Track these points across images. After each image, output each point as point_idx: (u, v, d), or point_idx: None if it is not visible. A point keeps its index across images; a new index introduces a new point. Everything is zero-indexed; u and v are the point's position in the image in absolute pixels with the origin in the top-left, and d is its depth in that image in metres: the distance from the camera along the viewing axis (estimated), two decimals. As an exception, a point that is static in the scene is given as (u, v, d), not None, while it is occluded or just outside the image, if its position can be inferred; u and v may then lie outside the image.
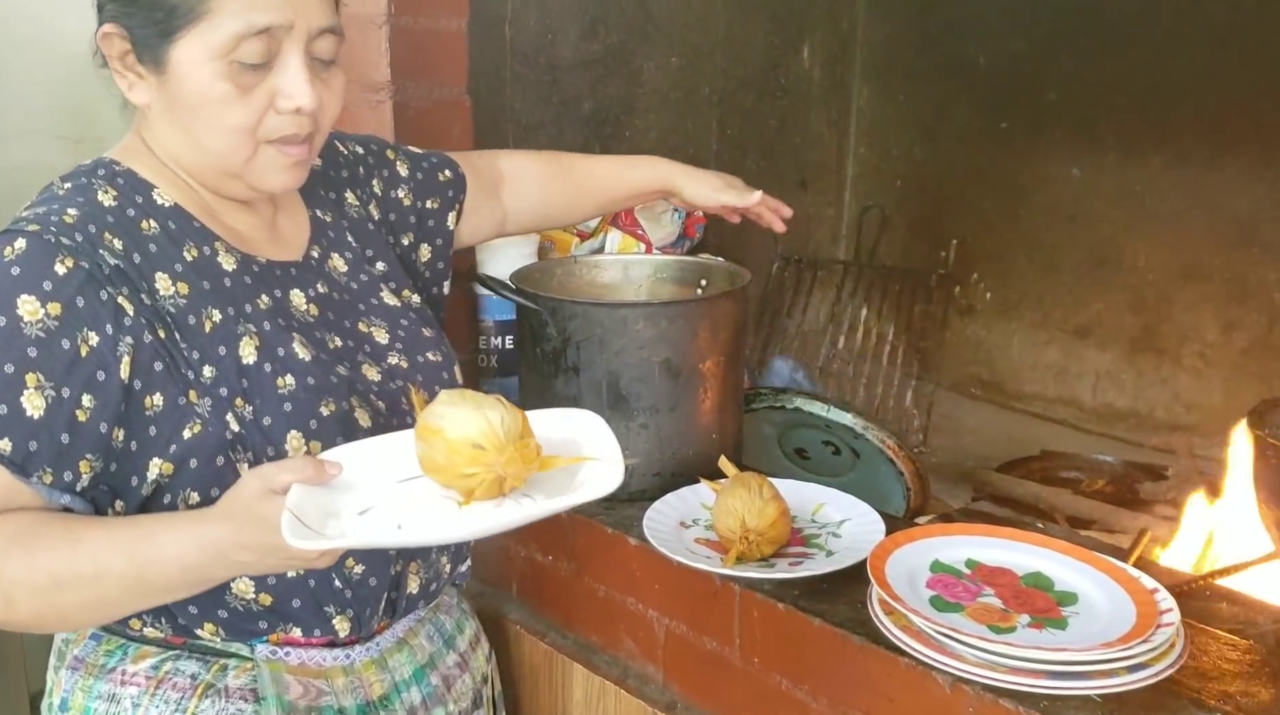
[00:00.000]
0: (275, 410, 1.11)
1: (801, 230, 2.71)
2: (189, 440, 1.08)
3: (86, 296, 1.03)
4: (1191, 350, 2.26)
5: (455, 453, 0.99)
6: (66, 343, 1.02)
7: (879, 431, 1.69)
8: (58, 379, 1.01)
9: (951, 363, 2.56)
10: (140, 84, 1.10)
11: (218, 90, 1.07)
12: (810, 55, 2.60)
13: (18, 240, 1.03)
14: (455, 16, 1.78)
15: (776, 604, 1.29)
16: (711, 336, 1.55)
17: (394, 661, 1.26)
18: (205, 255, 1.14)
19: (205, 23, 1.05)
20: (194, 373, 1.08)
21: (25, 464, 1.01)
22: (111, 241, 1.06)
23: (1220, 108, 2.13)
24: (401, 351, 1.27)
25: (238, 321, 1.12)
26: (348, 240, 1.33)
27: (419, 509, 1.03)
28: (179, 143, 1.13)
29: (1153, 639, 1.08)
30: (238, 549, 1.00)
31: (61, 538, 1.01)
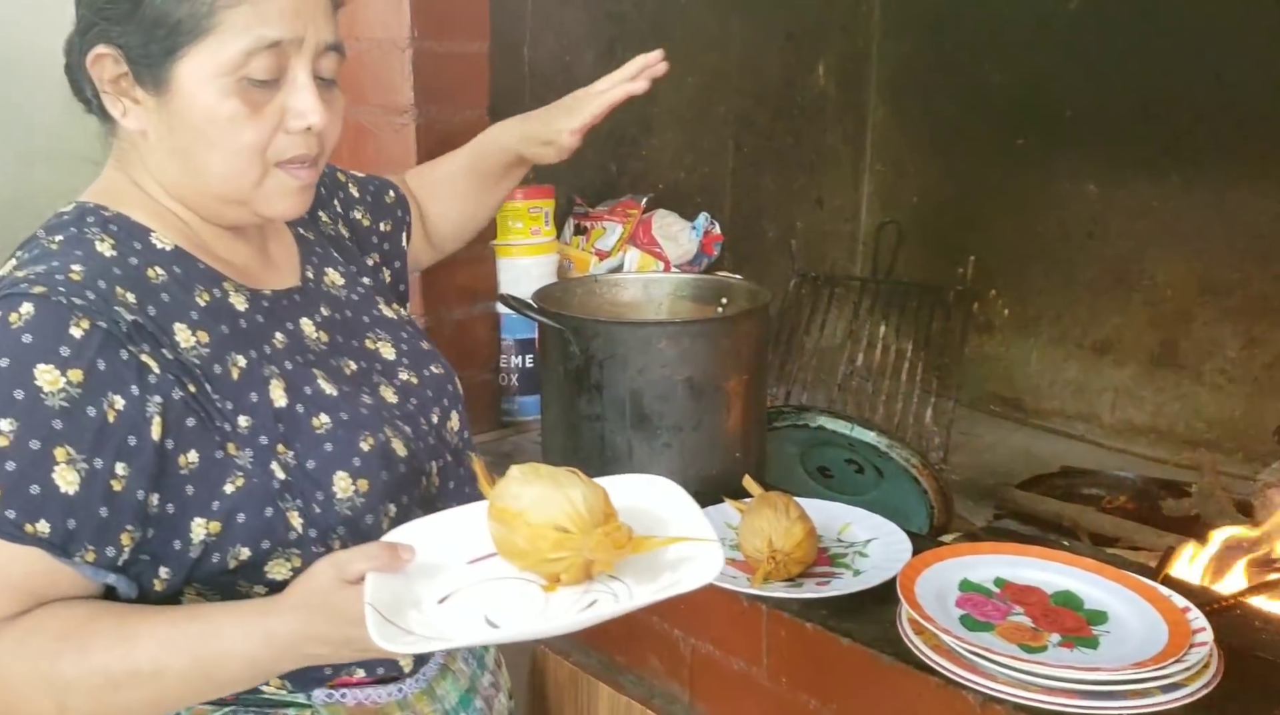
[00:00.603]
0: (317, 452, 1.06)
1: (818, 247, 2.72)
2: (233, 495, 1.01)
3: (107, 358, 0.95)
4: (1212, 366, 2.26)
5: (539, 538, 0.94)
6: (92, 410, 0.94)
7: (903, 450, 1.69)
8: (88, 450, 0.94)
9: (970, 379, 2.55)
10: (135, 109, 1.03)
11: (227, 108, 1.02)
12: (826, 73, 2.61)
13: (23, 305, 0.94)
14: (476, 40, 1.79)
15: (804, 624, 1.29)
16: (734, 355, 1.55)
17: (441, 689, 1.22)
18: (217, 298, 1.08)
19: (212, 38, 1.00)
20: (229, 424, 1.02)
21: (66, 545, 0.93)
22: (124, 296, 0.99)
23: (1238, 123, 2.13)
24: (409, 366, 1.23)
25: (262, 364, 1.07)
26: (334, 256, 1.28)
27: (504, 596, 0.96)
28: (178, 171, 1.06)
29: (1186, 658, 1.08)
30: (311, 642, 0.95)
31: (116, 635, 0.94)
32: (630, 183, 2.30)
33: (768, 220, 2.60)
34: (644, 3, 2.22)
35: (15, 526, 0.91)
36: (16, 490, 0.92)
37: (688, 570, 0.95)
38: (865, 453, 1.73)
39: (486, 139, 1.53)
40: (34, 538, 0.92)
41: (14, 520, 0.91)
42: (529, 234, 1.91)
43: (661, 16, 2.26)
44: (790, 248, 2.62)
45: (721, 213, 2.43)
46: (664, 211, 2.21)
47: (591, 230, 2.14)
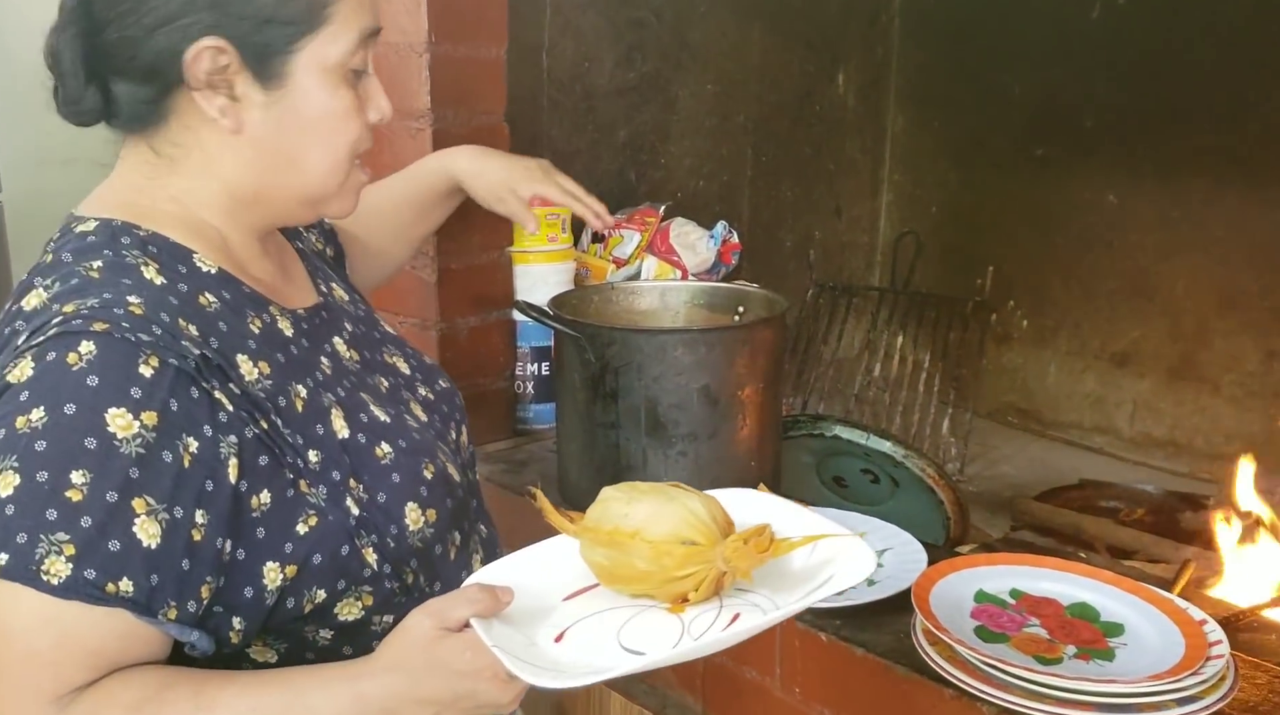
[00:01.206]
0: (386, 484, 1.01)
1: (836, 257, 2.71)
2: (307, 535, 0.95)
3: (179, 397, 0.88)
4: (1231, 379, 2.24)
5: (664, 555, 0.87)
6: (168, 455, 0.87)
7: (919, 460, 1.68)
8: (167, 499, 0.86)
9: (988, 390, 2.54)
10: (233, 105, 0.97)
11: (344, 102, 0.99)
12: (845, 82, 2.60)
13: (82, 343, 0.86)
14: (494, 45, 1.80)
15: (818, 634, 1.28)
16: (750, 363, 1.55)
17: None
18: (267, 323, 1.01)
19: (329, 29, 0.97)
20: (301, 460, 0.96)
21: (150, 602, 0.85)
22: (187, 328, 0.92)
23: (1259, 133, 2.11)
24: (423, 381, 1.20)
25: (320, 393, 1.01)
26: (328, 271, 1.23)
27: (628, 626, 0.89)
28: (262, 170, 1.00)
29: (1203, 671, 1.07)
30: (411, 704, 0.87)
31: (192, 707, 0.85)
32: (649, 191, 2.29)
33: (786, 230, 2.60)
34: (664, 10, 2.22)
35: (96, 587, 0.83)
36: (94, 547, 0.83)
37: (838, 567, 0.89)
38: (881, 463, 1.72)
39: (428, 164, 1.54)
40: (116, 598, 0.84)
41: (94, 580, 0.83)
42: (545, 241, 1.91)
43: (681, 24, 2.26)
44: (808, 257, 2.61)
45: (740, 222, 2.43)
46: (682, 220, 2.20)
47: (609, 238, 2.14)
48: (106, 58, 0.96)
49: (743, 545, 0.87)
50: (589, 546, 0.92)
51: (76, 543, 0.83)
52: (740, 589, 0.91)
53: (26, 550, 0.82)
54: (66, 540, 0.82)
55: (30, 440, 0.84)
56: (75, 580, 0.82)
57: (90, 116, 0.99)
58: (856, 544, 0.91)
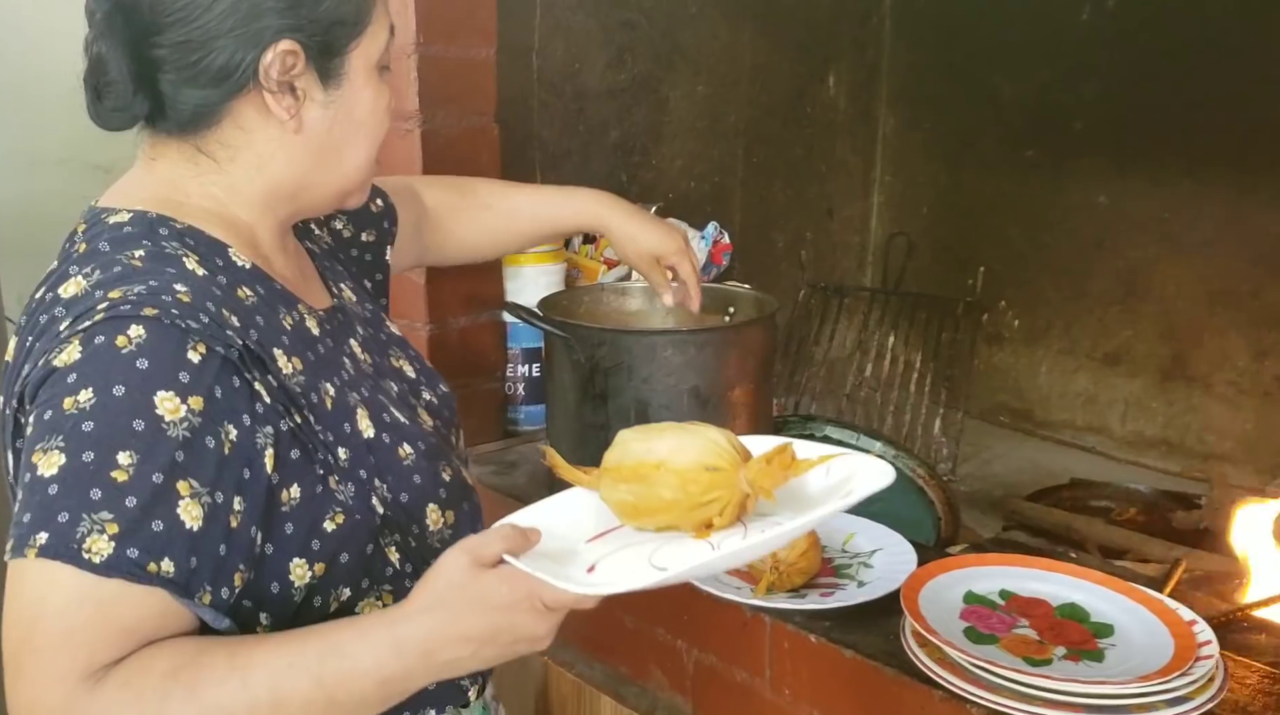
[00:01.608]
0: (408, 485, 1.03)
1: (828, 257, 2.71)
2: (334, 533, 0.96)
3: (223, 385, 0.89)
4: (1222, 378, 2.24)
5: (690, 482, 0.90)
6: (211, 441, 0.88)
7: (909, 460, 1.68)
8: (210, 483, 0.87)
9: (980, 390, 2.54)
10: (297, 106, 0.99)
11: (384, 100, 1.05)
12: (836, 84, 2.60)
13: (131, 327, 0.87)
14: (484, 46, 1.79)
15: (808, 635, 1.28)
16: (740, 364, 1.55)
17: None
18: (297, 321, 1.03)
19: (369, 31, 1.02)
20: (331, 456, 0.97)
21: (189, 584, 0.86)
22: (230, 318, 0.93)
23: (1248, 134, 2.11)
24: (426, 384, 1.20)
25: (346, 392, 1.02)
26: (339, 268, 1.24)
27: (657, 553, 0.92)
28: (308, 166, 1.03)
29: (1192, 671, 1.07)
30: (450, 643, 0.89)
31: (228, 667, 0.85)
32: (641, 192, 2.29)
33: (777, 230, 2.60)
34: (654, 12, 2.22)
35: (138, 566, 0.83)
36: (139, 527, 0.84)
37: (857, 481, 0.92)
38: (872, 463, 1.71)
39: (575, 203, 1.51)
40: (158, 577, 0.84)
41: (136, 559, 0.83)
42: (536, 242, 1.91)
43: (672, 25, 2.26)
44: (800, 258, 2.61)
45: (731, 223, 2.43)
46: (674, 220, 2.20)
47: (600, 239, 2.14)
48: (159, 63, 0.96)
49: (765, 465, 0.90)
50: (612, 486, 0.95)
51: (120, 522, 0.83)
52: (762, 514, 0.94)
53: (67, 529, 0.82)
54: (110, 519, 0.83)
55: (78, 421, 0.85)
56: (118, 558, 0.83)
57: (133, 121, 0.99)
58: (873, 460, 0.94)
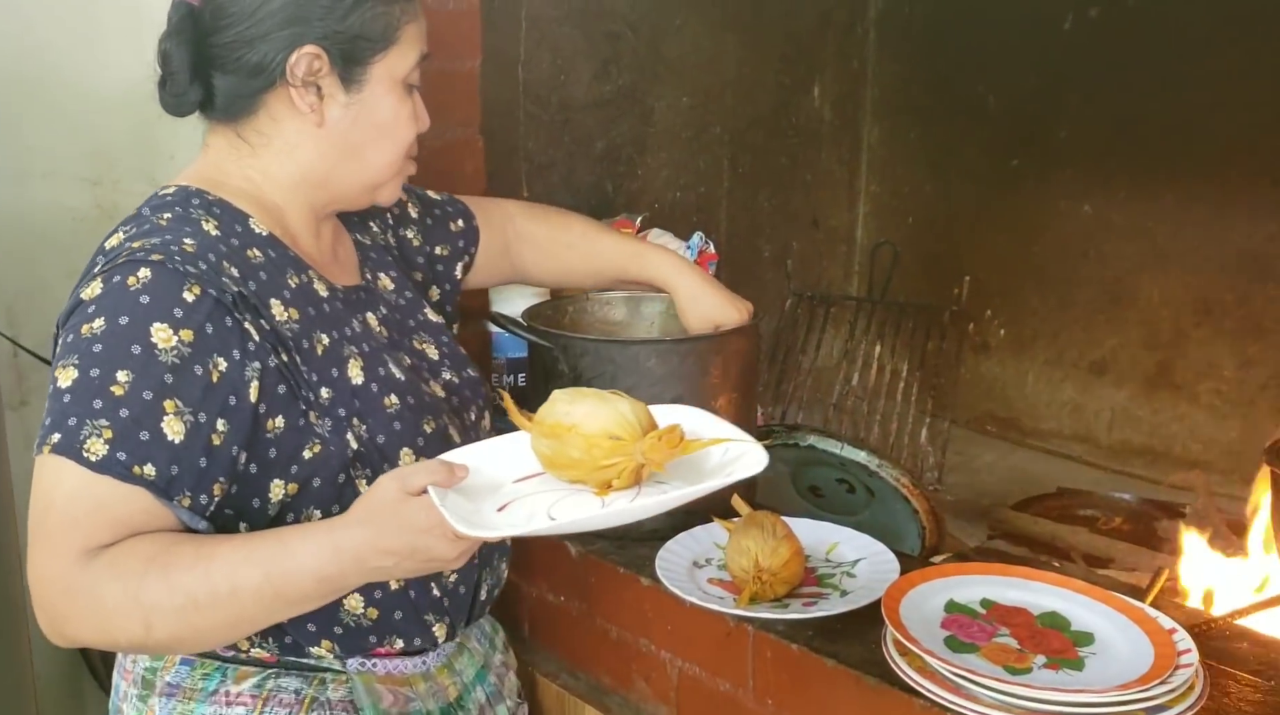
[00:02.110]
0: (387, 429, 1.17)
1: (814, 267, 2.72)
2: (310, 460, 1.12)
3: (215, 323, 1.06)
4: (1208, 387, 2.25)
5: (594, 446, 1.02)
6: (199, 369, 1.04)
7: (893, 469, 1.68)
8: (194, 404, 1.03)
9: (966, 400, 2.54)
10: (319, 104, 1.17)
11: (406, 109, 1.21)
12: (821, 94, 2.61)
13: (141, 269, 1.05)
14: (468, 58, 1.80)
15: (790, 645, 1.28)
16: (724, 373, 1.55)
17: (459, 664, 1.31)
18: (304, 282, 1.19)
19: (396, 48, 1.19)
20: (313, 394, 1.13)
21: (168, 488, 1.02)
22: (229, 269, 1.10)
23: (1232, 143, 2.13)
24: (450, 366, 1.34)
25: (342, 344, 1.18)
26: (387, 260, 1.39)
27: (559, 504, 1.05)
28: (333, 160, 1.20)
29: (1171, 680, 1.07)
30: (377, 554, 1.02)
31: (195, 556, 1.00)
32: (626, 202, 2.30)
33: (763, 240, 2.60)
34: (640, 23, 2.23)
35: (125, 467, 0.99)
36: (128, 435, 1.00)
37: (737, 466, 1.04)
38: (856, 472, 1.72)
39: (651, 258, 1.59)
40: (140, 479, 1.00)
41: (124, 462, 0.99)
42: (521, 253, 1.91)
43: (656, 37, 2.26)
44: (786, 267, 2.62)
45: (717, 232, 2.44)
46: (659, 230, 2.20)
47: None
48: (213, 59, 1.16)
49: (657, 441, 1.02)
50: (536, 438, 1.08)
51: (114, 429, 1.00)
52: (658, 481, 1.06)
53: (74, 431, 0.99)
54: (106, 426, 1.00)
55: (90, 343, 1.02)
56: (109, 460, 0.99)
57: (190, 107, 1.18)
58: (755, 447, 1.06)
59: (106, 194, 2.30)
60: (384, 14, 1.17)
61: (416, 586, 1.21)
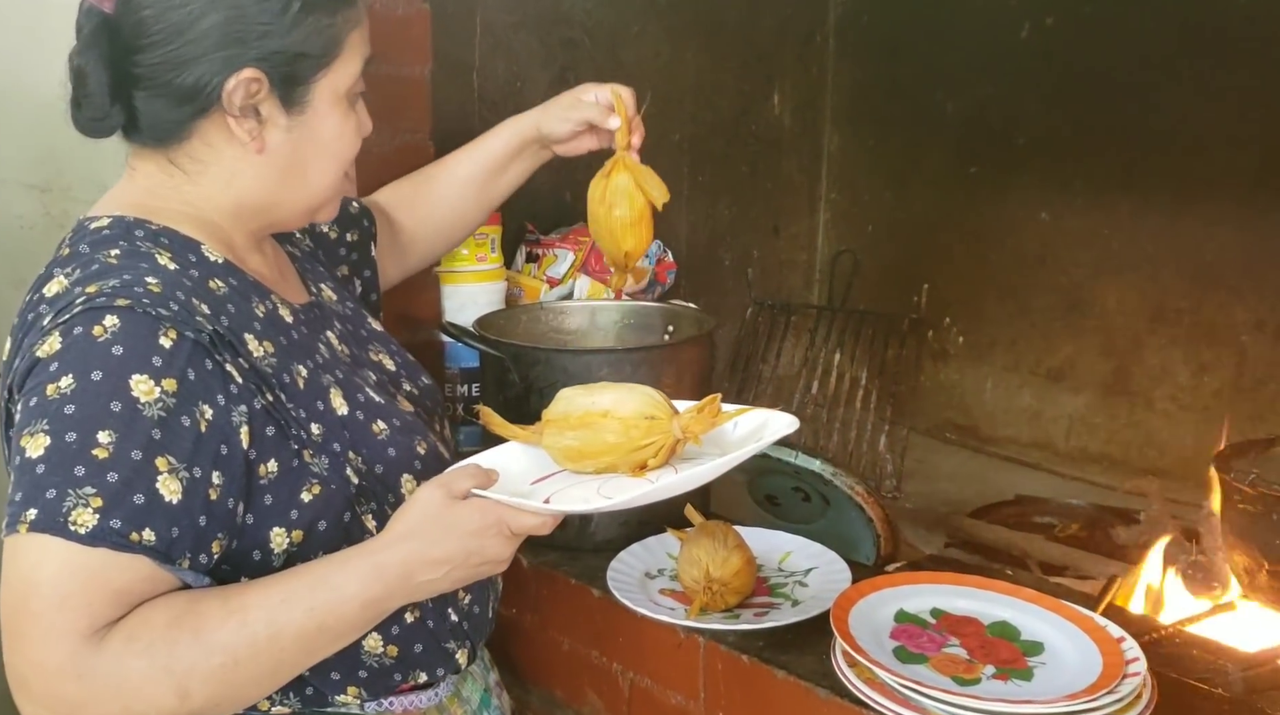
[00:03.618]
0: (383, 457, 1.11)
1: (775, 275, 2.71)
2: (310, 502, 1.05)
3: (196, 367, 0.98)
4: (1163, 393, 2.26)
5: (632, 428, 1.06)
6: (187, 420, 0.96)
7: (847, 477, 1.67)
8: (187, 459, 0.96)
9: (925, 407, 2.55)
10: (260, 129, 1.07)
11: (351, 123, 1.12)
12: (781, 102, 2.61)
13: (106, 317, 0.96)
14: (418, 64, 1.78)
15: (740, 656, 1.27)
16: (677, 382, 1.53)
17: (466, 691, 1.26)
18: (270, 309, 1.11)
19: (340, 60, 1.09)
20: (304, 432, 1.05)
21: (170, 551, 0.95)
22: (200, 307, 1.01)
23: (1186, 152, 2.14)
24: (407, 376, 1.28)
25: (320, 373, 1.11)
26: (319, 270, 1.31)
27: (602, 486, 1.07)
28: (275, 183, 1.10)
29: (1118, 690, 1.07)
30: (427, 566, 1.00)
31: (225, 612, 0.95)
32: (584, 210, 2.27)
33: (724, 248, 2.59)
34: (597, 30, 2.22)
35: (121, 536, 0.92)
36: (121, 500, 0.92)
37: (768, 429, 1.08)
38: (810, 481, 1.71)
39: (496, 129, 1.54)
40: (140, 546, 0.93)
41: (119, 530, 0.92)
42: (475, 261, 1.89)
43: (614, 44, 2.25)
44: (747, 276, 2.61)
45: (677, 240, 2.42)
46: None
47: (543, 258, 2.13)
48: (137, 79, 1.05)
49: (697, 413, 1.06)
50: (557, 433, 1.09)
51: (104, 496, 0.91)
52: (686, 457, 1.10)
53: (54, 504, 0.91)
54: (93, 493, 0.91)
55: (60, 405, 0.93)
56: (102, 529, 0.91)
57: (109, 131, 1.08)
58: (781, 413, 1.11)
59: (56, 201, 2.26)
60: (327, 26, 1.07)
61: (434, 616, 1.15)
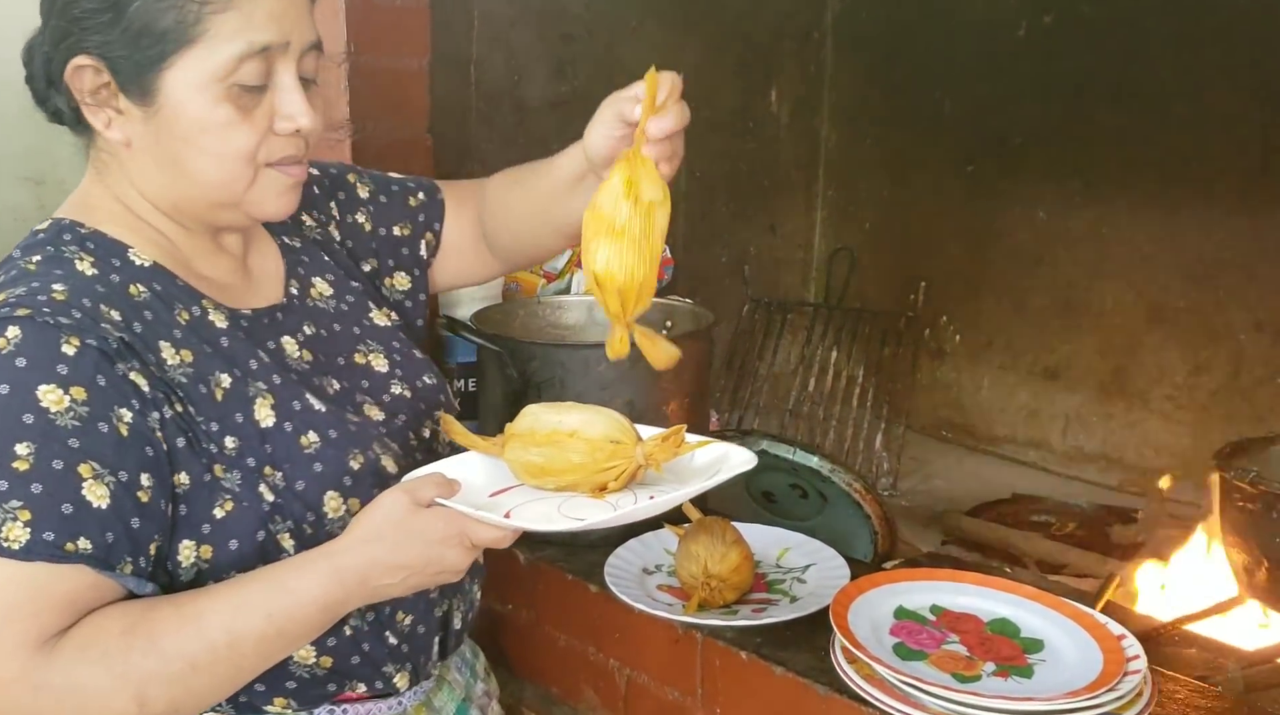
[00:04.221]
0: (306, 472, 1.04)
1: (772, 273, 2.71)
2: (223, 519, 1.01)
3: (105, 374, 0.95)
4: (1160, 393, 2.26)
5: (596, 450, 1.03)
6: (105, 426, 0.94)
7: (845, 474, 1.66)
8: (111, 464, 0.93)
9: (921, 405, 2.55)
10: (119, 119, 1.01)
11: (220, 115, 1.00)
12: (778, 99, 2.61)
13: (9, 329, 0.93)
14: (416, 56, 1.77)
15: (739, 652, 1.26)
16: (675, 378, 1.53)
17: (438, 701, 1.20)
18: (196, 316, 1.06)
19: (201, 46, 0.98)
20: (215, 446, 1.01)
21: (108, 557, 0.93)
22: (109, 313, 0.98)
23: (1183, 152, 2.14)
24: (401, 378, 1.20)
25: (246, 382, 1.05)
26: (324, 260, 1.24)
27: (562, 505, 1.04)
28: (166, 179, 1.04)
29: (1119, 687, 1.06)
30: (385, 570, 0.98)
31: (179, 618, 0.94)
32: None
33: (721, 246, 2.59)
34: (595, 25, 2.21)
35: (55, 547, 0.90)
36: (48, 511, 0.90)
37: (726, 463, 1.06)
38: (808, 477, 1.70)
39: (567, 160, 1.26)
40: (77, 555, 0.91)
41: (53, 541, 0.90)
42: (472, 255, 1.88)
43: (613, 39, 2.25)
44: (744, 273, 2.61)
45: (674, 237, 2.41)
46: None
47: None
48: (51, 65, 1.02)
49: (660, 442, 1.04)
50: (521, 448, 1.07)
51: (31, 508, 0.90)
52: (645, 483, 1.08)
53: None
54: (20, 506, 0.90)
55: None
56: (35, 542, 0.89)
57: (59, 116, 1.05)
58: (741, 449, 1.07)
59: (50, 194, 2.25)
60: (171, 8, 0.97)
61: (371, 638, 1.10)
